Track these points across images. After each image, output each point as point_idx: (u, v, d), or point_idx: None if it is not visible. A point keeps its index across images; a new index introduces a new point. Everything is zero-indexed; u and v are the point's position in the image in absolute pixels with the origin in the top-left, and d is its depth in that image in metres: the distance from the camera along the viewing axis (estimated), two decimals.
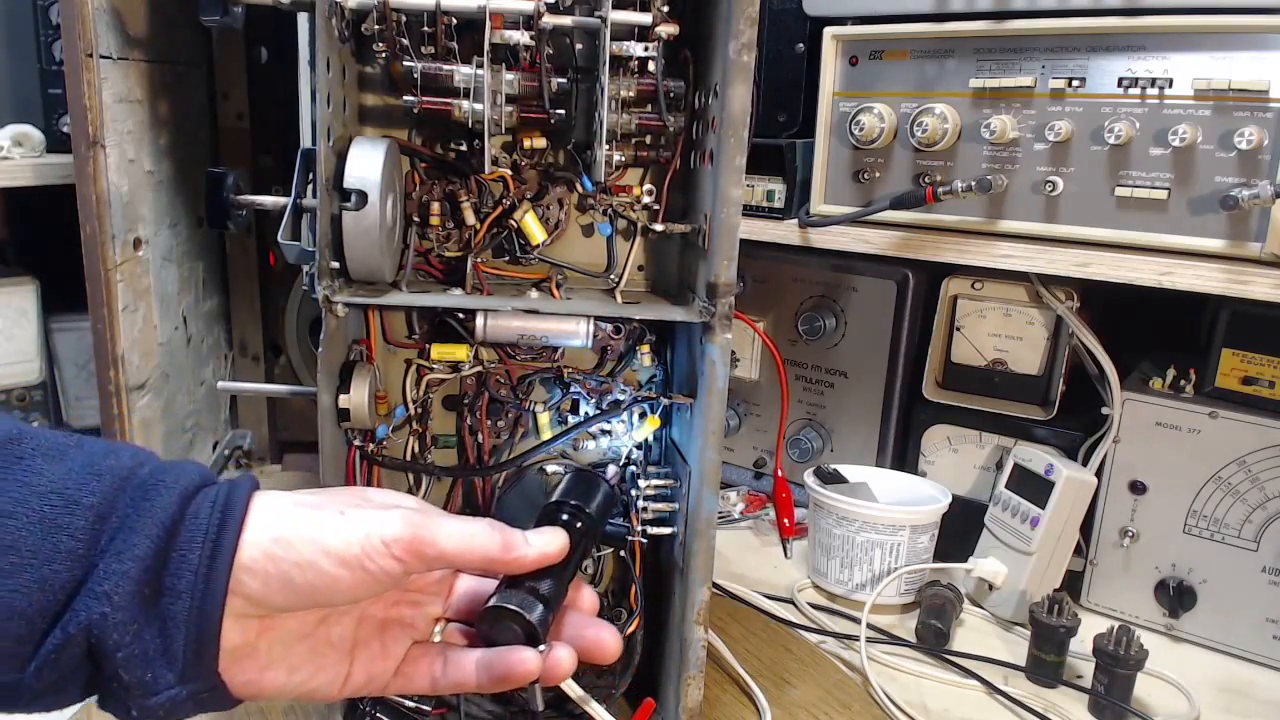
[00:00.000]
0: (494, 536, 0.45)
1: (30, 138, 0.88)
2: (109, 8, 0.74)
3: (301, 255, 0.57)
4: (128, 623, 0.37)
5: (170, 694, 0.38)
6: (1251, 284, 0.69)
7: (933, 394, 0.97)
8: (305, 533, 0.41)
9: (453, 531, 0.43)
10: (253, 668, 0.41)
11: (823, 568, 0.93)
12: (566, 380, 0.70)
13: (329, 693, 0.45)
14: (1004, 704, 0.76)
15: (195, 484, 0.41)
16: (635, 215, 0.67)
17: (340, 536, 0.41)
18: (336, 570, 0.41)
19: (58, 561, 0.36)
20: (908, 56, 0.82)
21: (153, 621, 0.38)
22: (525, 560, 0.46)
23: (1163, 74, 0.71)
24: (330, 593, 0.41)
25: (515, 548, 0.46)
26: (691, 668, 0.63)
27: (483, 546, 0.44)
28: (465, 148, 0.64)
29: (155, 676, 0.38)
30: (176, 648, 0.38)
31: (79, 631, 0.36)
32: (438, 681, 0.47)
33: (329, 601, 0.42)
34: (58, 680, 0.37)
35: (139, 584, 0.37)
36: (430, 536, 0.42)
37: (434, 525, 0.43)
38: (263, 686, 0.42)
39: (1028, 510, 0.87)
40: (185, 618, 0.38)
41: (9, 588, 0.35)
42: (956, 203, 0.80)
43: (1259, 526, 0.81)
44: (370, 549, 0.41)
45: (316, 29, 0.54)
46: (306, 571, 0.40)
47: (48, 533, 0.36)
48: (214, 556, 0.39)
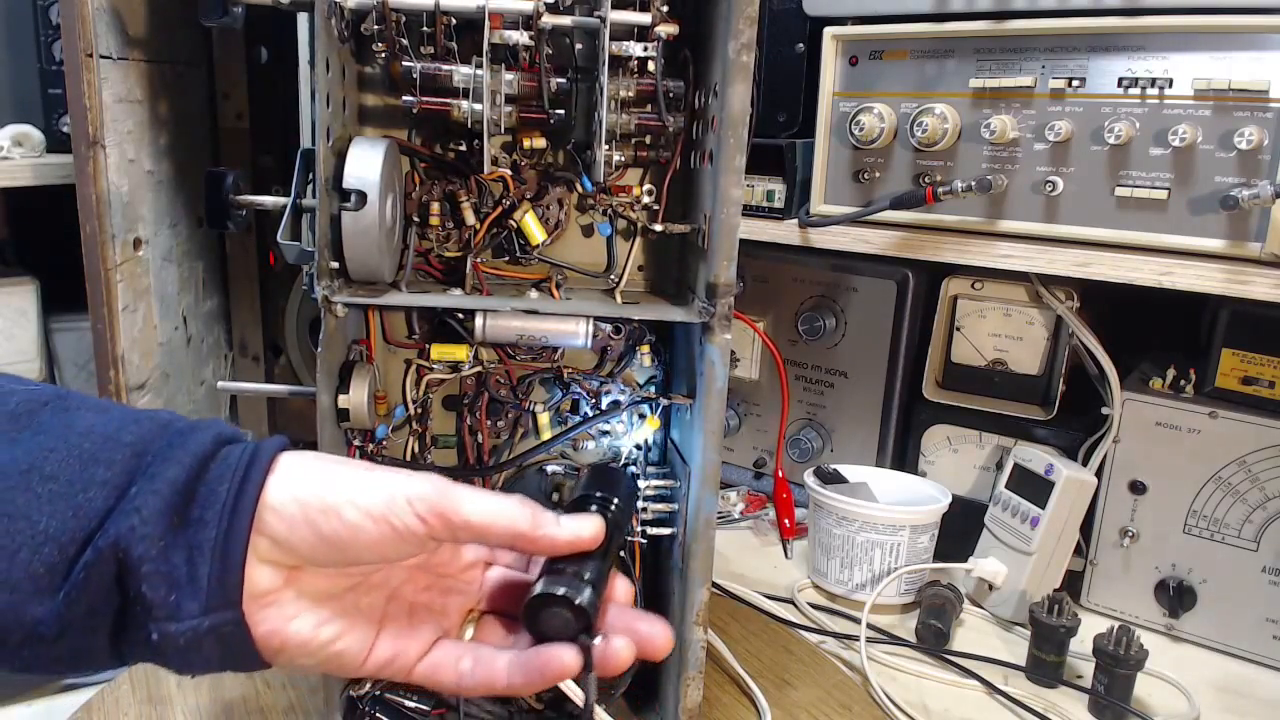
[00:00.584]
0: (524, 511, 0.44)
1: (30, 138, 0.88)
2: (109, 8, 0.74)
3: (301, 255, 0.57)
4: (154, 537, 0.37)
5: (193, 623, 0.38)
6: (1251, 284, 0.69)
7: (933, 394, 0.97)
8: (332, 481, 0.41)
9: (479, 500, 0.43)
10: (278, 616, 0.41)
11: (823, 568, 0.93)
12: (566, 380, 0.70)
13: (353, 660, 0.43)
14: (1004, 704, 0.76)
15: (229, 434, 0.42)
16: (635, 215, 0.67)
17: (366, 488, 0.41)
18: (361, 520, 0.40)
19: (93, 490, 0.37)
20: (908, 56, 0.82)
21: (179, 545, 0.38)
22: (556, 539, 0.44)
23: (1163, 74, 0.71)
24: (354, 545, 0.41)
25: (545, 524, 0.44)
26: (691, 668, 0.63)
27: (510, 519, 0.43)
28: (465, 148, 0.64)
29: (179, 600, 0.38)
30: (201, 577, 0.38)
31: (108, 547, 0.37)
32: (464, 679, 0.45)
33: (353, 556, 0.41)
34: (87, 611, 0.37)
35: (168, 506, 0.38)
36: (456, 501, 0.42)
37: (461, 491, 0.43)
38: (287, 639, 0.41)
39: (1028, 510, 0.87)
40: (211, 547, 0.38)
41: (45, 514, 0.36)
42: (956, 203, 0.80)
43: (1259, 526, 0.81)
44: (395, 504, 0.41)
45: (316, 29, 0.54)
46: (331, 518, 0.40)
47: (85, 465, 0.38)
48: (241, 492, 0.39)
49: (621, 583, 0.49)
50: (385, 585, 0.45)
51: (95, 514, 0.37)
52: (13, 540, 0.36)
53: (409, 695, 0.67)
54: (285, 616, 0.41)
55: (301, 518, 0.40)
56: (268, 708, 0.70)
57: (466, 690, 0.45)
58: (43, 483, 0.37)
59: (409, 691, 0.67)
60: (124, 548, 0.37)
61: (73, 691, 0.73)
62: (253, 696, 0.72)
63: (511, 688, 0.44)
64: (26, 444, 0.38)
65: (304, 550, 0.40)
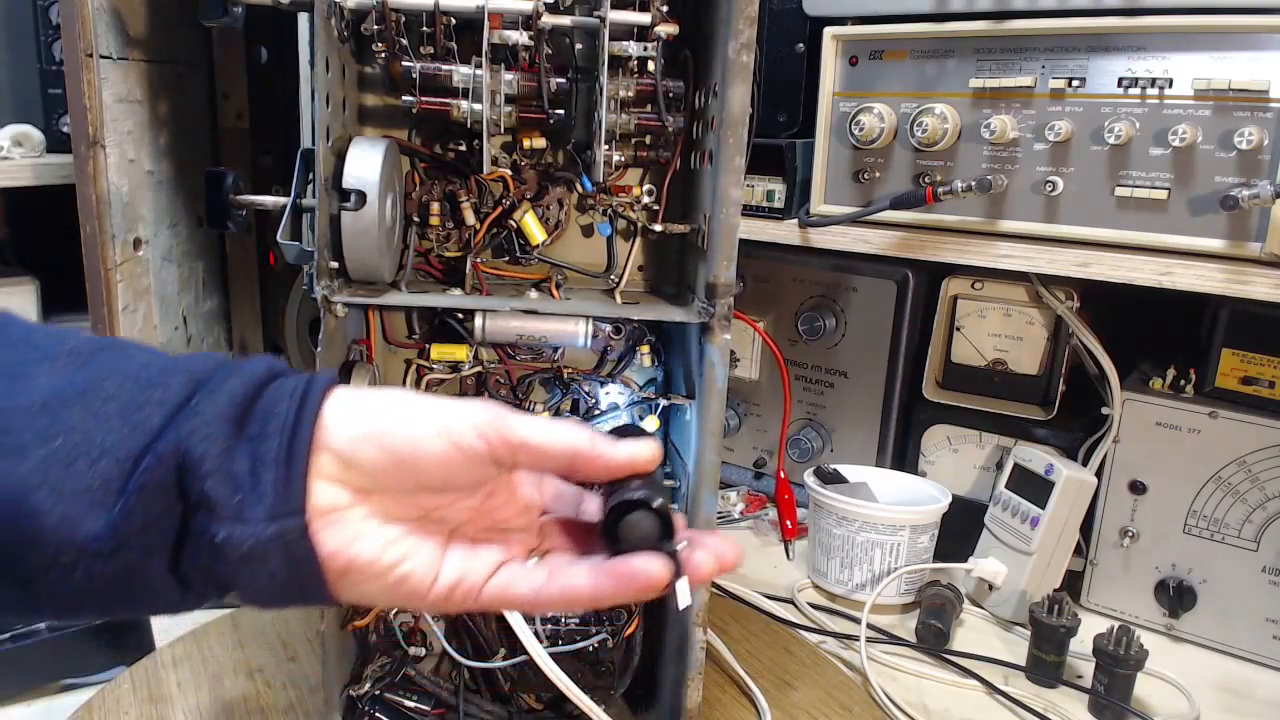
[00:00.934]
0: (582, 431, 0.43)
1: (30, 138, 0.88)
2: (109, 8, 0.74)
3: (301, 255, 0.57)
4: (217, 438, 0.37)
5: (258, 528, 0.37)
6: (1251, 284, 0.69)
7: (933, 394, 0.97)
8: (393, 399, 0.41)
9: (537, 422, 0.43)
10: (344, 534, 0.40)
11: (823, 568, 0.93)
12: (566, 380, 0.70)
13: (420, 584, 0.41)
14: (1004, 704, 0.76)
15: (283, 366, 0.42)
16: (635, 215, 0.67)
17: (427, 406, 0.41)
18: (423, 434, 0.40)
19: (150, 408, 0.37)
20: (908, 56, 0.82)
21: (242, 454, 0.38)
22: (614, 459, 0.43)
23: (1163, 74, 0.71)
24: (416, 460, 0.40)
25: (602, 443, 0.43)
26: (691, 669, 0.63)
27: (568, 438, 0.42)
28: (465, 148, 0.64)
29: (243, 505, 0.37)
30: (265, 484, 0.38)
31: (169, 451, 0.36)
32: (540, 592, 0.43)
33: (415, 473, 0.41)
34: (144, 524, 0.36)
35: (229, 415, 0.38)
36: (514, 422, 0.42)
37: (518, 415, 0.43)
38: (353, 558, 0.40)
39: (1028, 510, 0.87)
40: (274, 457, 0.38)
41: (102, 430, 0.36)
42: (956, 203, 0.80)
43: (1259, 526, 0.81)
44: (454, 423, 0.41)
45: (316, 29, 0.54)
46: (394, 432, 0.40)
47: (143, 388, 0.37)
48: (302, 408, 0.39)
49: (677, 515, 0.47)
50: (447, 523, 0.44)
51: (153, 429, 0.37)
52: (69, 454, 0.35)
53: (408, 695, 0.67)
54: (351, 535, 0.40)
55: (364, 432, 0.40)
56: (268, 707, 0.70)
57: (544, 603, 0.43)
58: (102, 402, 0.37)
59: (408, 691, 0.67)
60: (185, 449, 0.36)
61: (73, 691, 0.73)
62: (253, 696, 0.72)
63: (598, 595, 0.42)
64: (85, 373, 0.38)
65: (367, 465, 0.40)
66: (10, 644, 0.70)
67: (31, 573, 0.35)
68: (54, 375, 0.38)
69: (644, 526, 0.42)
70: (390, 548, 0.41)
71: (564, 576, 0.42)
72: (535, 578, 0.43)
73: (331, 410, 0.40)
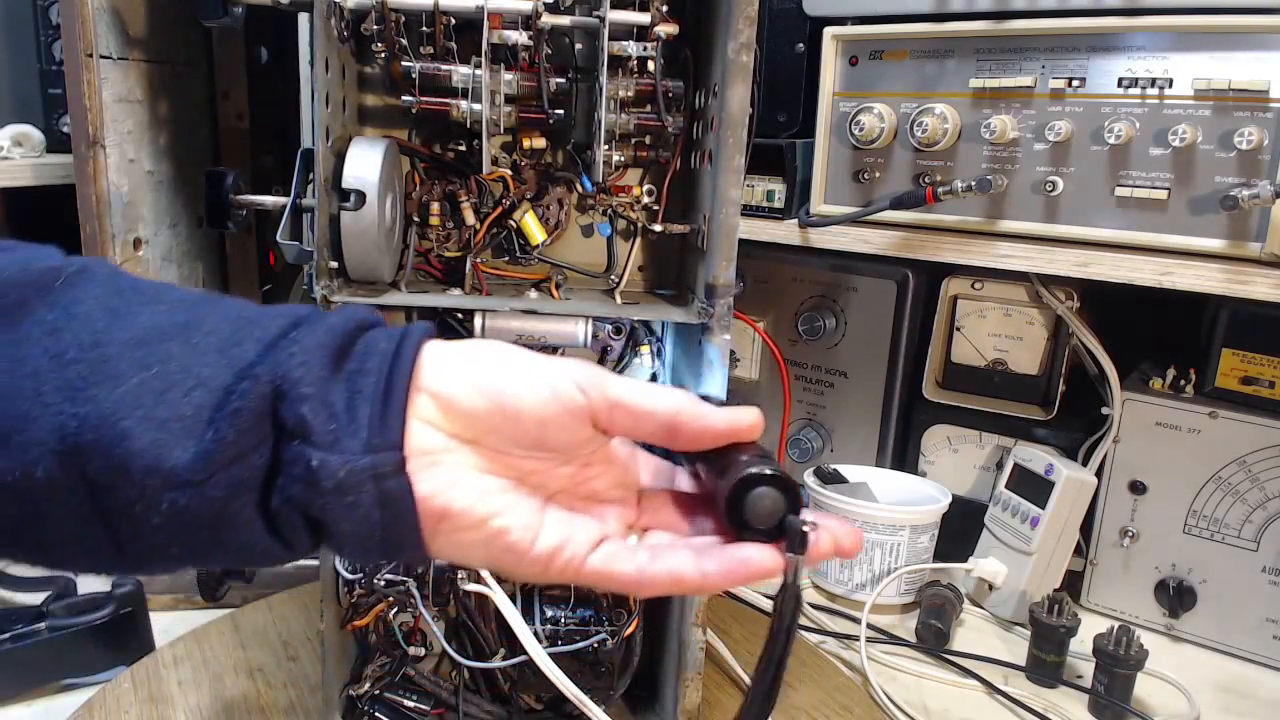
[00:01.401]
0: (679, 393, 0.41)
1: (30, 138, 0.88)
2: (109, 8, 0.74)
3: (301, 255, 0.57)
4: (314, 365, 0.36)
5: (353, 458, 0.36)
6: (1251, 284, 0.69)
7: (933, 394, 0.97)
8: (492, 347, 0.41)
9: (634, 383, 0.41)
10: (440, 478, 0.38)
11: (823, 568, 0.93)
12: None
13: (521, 540, 0.39)
14: (1004, 704, 0.76)
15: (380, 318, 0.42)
16: (635, 215, 0.67)
17: (525, 357, 0.41)
18: (520, 379, 0.39)
19: (248, 344, 0.37)
20: (908, 56, 0.82)
21: (338, 386, 0.37)
22: (716, 423, 0.41)
23: (1163, 74, 0.71)
24: (516, 405, 0.39)
25: (704, 406, 0.41)
26: (690, 669, 0.63)
27: (669, 399, 0.41)
28: (465, 148, 0.64)
29: (339, 432, 0.36)
30: (361, 417, 0.36)
31: (265, 375, 0.36)
32: (645, 572, 0.40)
33: (514, 419, 0.39)
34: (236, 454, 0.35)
35: (329, 346, 0.37)
36: (613, 380, 0.41)
37: (613, 375, 0.42)
38: (450, 504, 0.38)
39: (1028, 510, 0.87)
40: (371, 391, 0.37)
41: (198, 361, 0.36)
42: (956, 203, 0.80)
43: (1259, 526, 0.81)
44: (555, 373, 0.40)
45: (316, 29, 0.54)
46: (493, 374, 0.39)
47: (241, 326, 0.37)
48: (400, 348, 0.38)
49: None
50: (543, 489, 0.42)
51: (249, 360, 0.36)
52: (164, 382, 0.35)
53: (408, 695, 0.67)
54: (448, 479, 0.38)
55: (465, 375, 0.39)
56: (268, 707, 0.71)
57: (649, 583, 0.40)
58: (201, 337, 0.36)
59: (408, 691, 0.67)
60: (282, 374, 0.36)
61: (73, 691, 0.73)
62: (253, 696, 0.72)
63: (705, 580, 0.40)
64: (187, 313, 0.38)
65: (465, 408, 0.39)
66: (10, 644, 0.70)
67: (119, 506, 0.35)
68: (156, 315, 0.38)
69: (769, 502, 0.39)
70: (488, 498, 0.39)
71: (669, 559, 0.40)
72: (639, 557, 0.41)
73: (430, 353, 0.39)
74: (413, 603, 0.62)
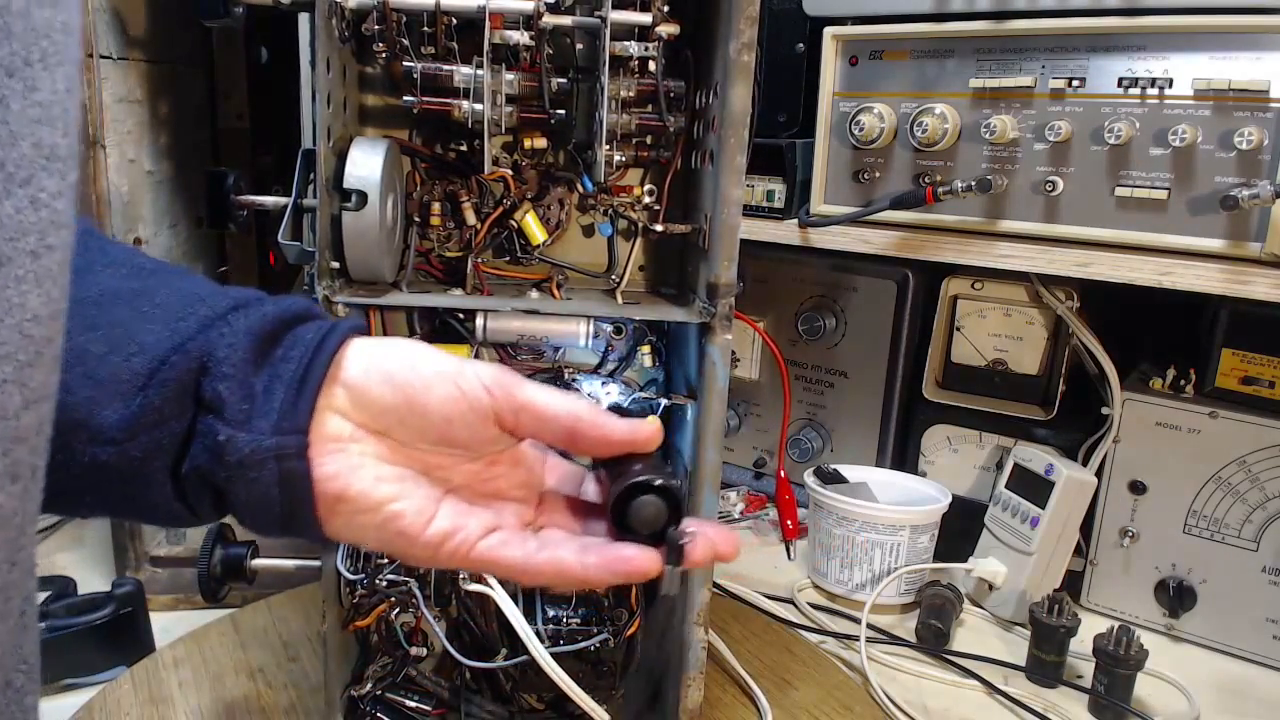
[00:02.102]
0: (582, 401, 0.45)
1: None
2: (109, 8, 0.74)
3: (302, 255, 0.57)
4: (240, 347, 0.39)
5: (259, 437, 0.39)
6: (1251, 284, 0.69)
7: (933, 394, 0.97)
8: (410, 345, 0.44)
9: (540, 387, 0.44)
10: (343, 462, 0.41)
11: (823, 568, 0.93)
12: (567, 380, 0.70)
13: (412, 525, 0.42)
14: (1004, 704, 0.76)
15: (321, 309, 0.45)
16: (636, 215, 0.67)
17: (440, 354, 0.44)
18: (433, 377, 0.42)
19: (191, 319, 0.39)
20: (908, 56, 0.82)
21: (262, 370, 0.40)
22: (615, 433, 0.43)
23: (1163, 74, 0.71)
24: (426, 399, 0.42)
25: (603, 415, 0.44)
26: (691, 669, 0.63)
27: (570, 406, 0.43)
28: (466, 148, 0.64)
29: (251, 412, 0.39)
30: (275, 400, 0.40)
31: (195, 350, 0.38)
32: (531, 557, 0.42)
33: (423, 413, 0.42)
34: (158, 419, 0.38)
35: (260, 332, 0.40)
36: (519, 384, 0.43)
37: (523, 379, 0.44)
38: (347, 486, 0.41)
39: (1028, 510, 0.87)
40: (289, 379, 0.40)
41: (143, 330, 0.38)
42: (956, 203, 0.80)
43: (1259, 526, 0.81)
44: (465, 373, 0.43)
45: (317, 29, 0.54)
46: (406, 370, 0.42)
47: (190, 302, 0.40)
48: (324, 340, 0.42)
49: None
50: (446, 482, 0.45)
51: (188, 333, 0.39)
52: (107, 345, 0.38)
53: (410, 695, 0.67)
54: (350, 465, 0.41)
55: (379, 369, 0.42)
56: (269, 708, 0.70)
57: (533, 571, 0.43)
58: (151, 307, 0.39)
59: (410, 691, 0.67)
60: (209, 350, 0.39)
61: (73, 691, 0.72)
62: (254, 696, 0.72)
63: (585, 574, 0.42)
64: (144, 281, 0.41)
65: (375, 400, 0.42)
66: None
67: None
68: (115, 278, 0.40)
69: (651, 511, 0.42)
70: (385, 484, 0.42)
71: (555, 549, 0.43)
72: (528, 545, 0.43)
73: (353, 348, 0.42)
74: (414, 603, 0.62)
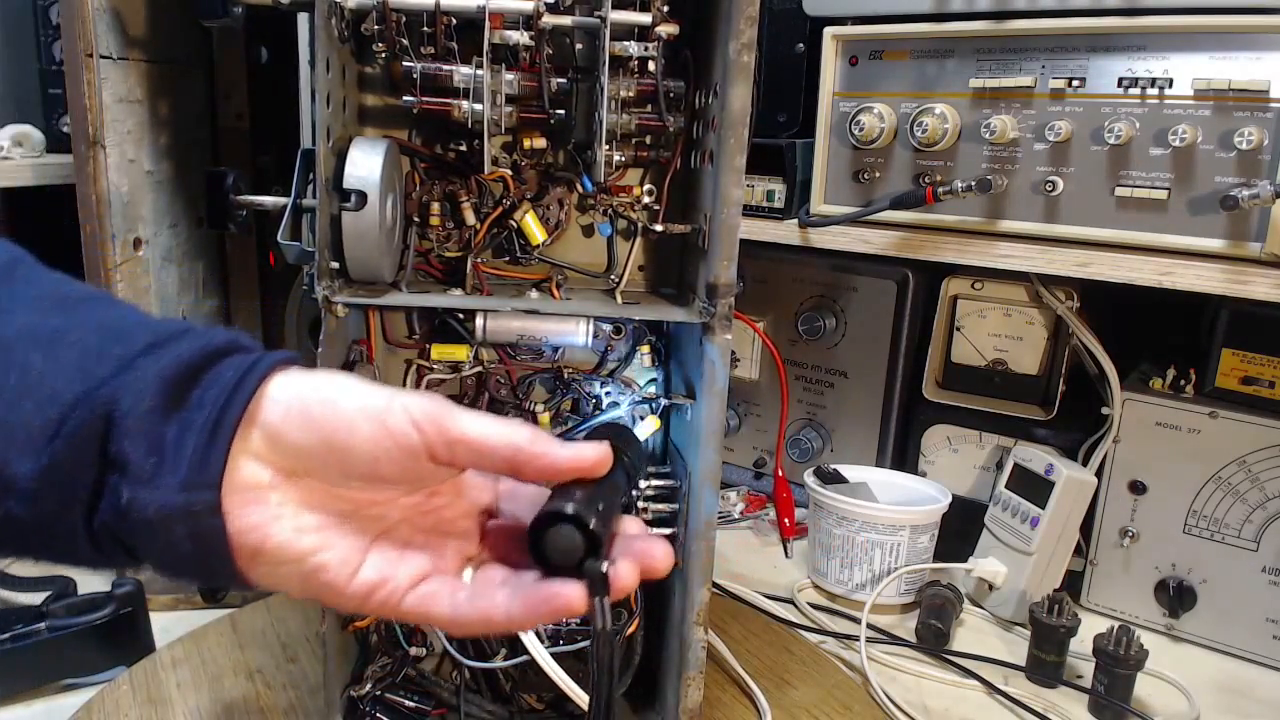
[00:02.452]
0: (524, 429, 0.41)
1: (30, 138, 0.88)
2: (109, 8, 0.74)
3: (301, 255, 0.57)
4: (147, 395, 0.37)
5: (167, 495, 0.37)
6: (1251, 284, 0.69)
7: (933, 394, 0.97)
8: (334, 380, 0.41)
9: (478, 417, 0.41)
10: (260, 514, 0.39)
11: (823, 568, 0.93)
12: (567, 380, 0.70)
13: (337, 578, 0.40)
14: (1004, 704, 0.76)
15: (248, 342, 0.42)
16: (635, 215, 0.67)
17: (366, 389, 0.41)
18: (356, 416, 0.39)
19: (107, 362, 0.38)
20: (908, 56, 0.82)
21: (172, 419, 0.38)
22: (558, 458, 0.41)
23: (1163, 74, 0.71)
24: (348, 443, 0.39)
25: (546, 441, 0.41)
26: (691, 668, 0.63)
27: (508, 436, 0.41)
28: (465, 148, 0.64)
29: (159, 467, 0.37)
30: (186, 451, 0.37)
31: (101, 403, 0.37)
32: (459, 610, 0.41)
33: (345, 456, 0.40)
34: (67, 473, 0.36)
35: (169, 378, 0.38)
36: (454, 415, 0.41)
37: (460, 409, 0.41)
38: (267, 538, 0.39)
39: (1028, 510, 0.87)
40: (200, 425, 0.38)
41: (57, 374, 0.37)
42: (956, 203, 0.80)
43: (1259, 526, 0.81)
44: (392, 409, 0.40)
45: (316, 29, 0.54)
46: (327, 409, 0.39)
47: (106, 340, 0.38)
48: (242, 381, 0.39)
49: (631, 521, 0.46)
50: (380, 520, 0.43)
51: (99, 379, 0.37)
52: (20, 391, 0.36)
53: (409, 695, 0.67)
54: (268, 516, 0.39)
55: (298, 409, 0.39)
56: (268, 708, 0.70)
57: (461, 623, 0.41)
58: (66, 348, 0.37)
59: (409, 691, 0.67)
60: (114, 402, 0.37)
61: (73, 692, 0.72)
62: (253, 697, 0.72)
63: (510, 620, 0.40)
64: (63, 318, 0.39)
65: (297, 444, 0.39)
66: (10, 644, 0.70)
67: None
68: (34, 314, 0.39)
69: (567, 543, 0.40)
70: (306, 534, 0.40)
71: (484, 598, 0.41)
72: (457, 596, 0.42)
73: (274, 386, 0.39)
74: None
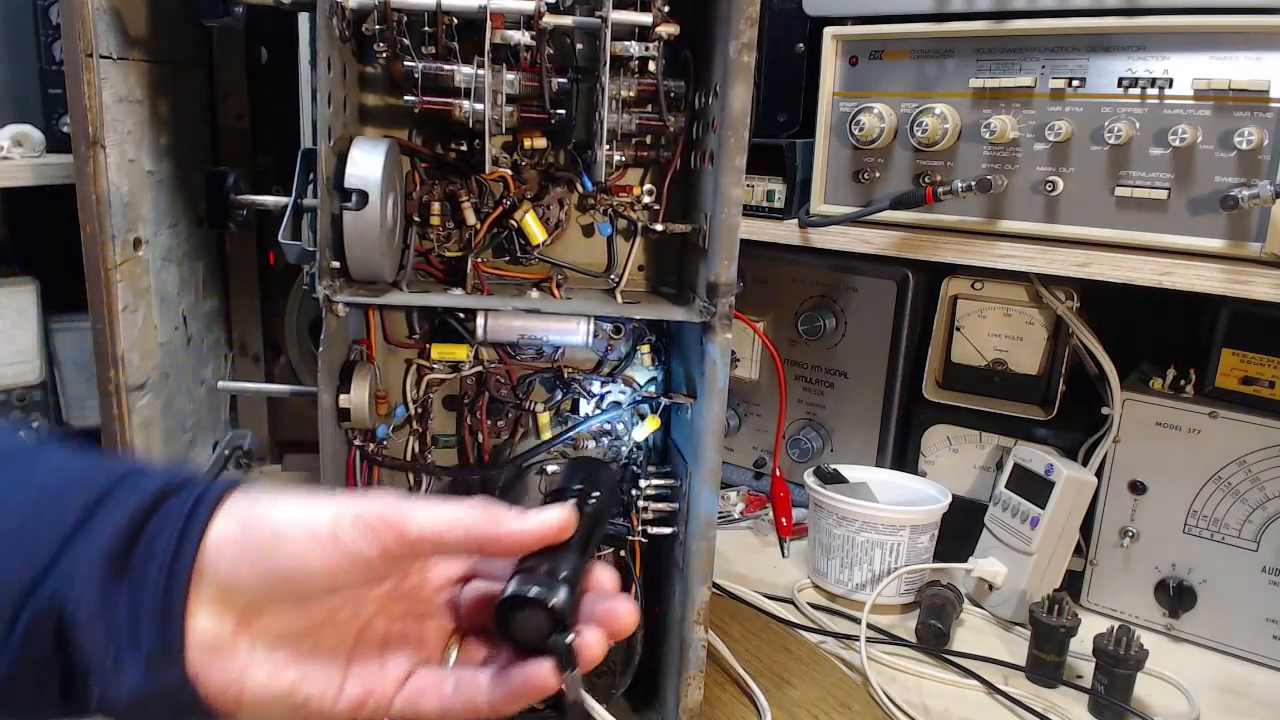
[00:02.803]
0: (478, 511, 0.41)
1: (30, 138, 0.88)
2: (109, 8, 0.73)
3: (302, 255, 0.58)
4: (92, 581, 0.36)
5: (135, 685, 0.36)
6: (1251, 284, 0.69)
7: (933, 394, 0.97)
8: (279, 508, 0.40)
9: (430, 509, 0.41)
10: (232, 667, 0.38)
11: (823, 568, 0.93)
12: (566, 380, 0.70)
13: (323, 703, 0.41)
14: (1004, 704, 0.76)
15: (185, 477, 0.40)
16: (636, 215, 0.67)
17: (310, 509, 0.40)
18: (306, 542, 0.38)
19: (43, 542, 0.36)
20: (908, 56, 0.82)
21: (121, 600, 0.37)
22: (519, 534, 0.42)
23: (1163, 74, 0.71)
24: (302, 572, 0.38)
25: (504, 521, 0.41)
26: (691, 668, 0.63)
27: (465, 521, 0.41)
28: (466, 148, 0.64)
29: (120, 659, 0.36)
30: (143, 632, 0.36)
31: (46, 599, 0.36)
32: (448, 703, 0.42)
33: (303, 586, 0.39)
34: (34, 666, 0.36)
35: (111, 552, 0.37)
36: (406, 513, 0.40)
37: (411, 505, 0.41)
38: (244, 688, 0.38)
39: (1028, 510, 0.87)
40: (150, 602, 0.37)
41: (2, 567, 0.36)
42: (956, 203, 0.80)
43: (1259, 526, 0.81)
44: (341, 521, 0.39)
45: (317, 29, 0.54)
46: (276, 543, 0.38)
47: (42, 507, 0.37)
48: (181, 542, 0.38)
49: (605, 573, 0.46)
50: (354, 620, 0.43)
51: (42, 565, 0.36)
52: None
53: None
54: (239, 667, 0.38)
55: (247, 550, 0.38)
56: None
57: (451, 715, 0.42)
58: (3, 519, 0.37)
59: None
60: (61, 599, 0.36)
61: None
62: None
63: (494, 708, 0.41)
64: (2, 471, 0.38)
65: (251, 588, 0.38)
66: None
67: None
68: None
69: (532, 623, 0.41)
70: (281, 674, 0.40)
71: (469, 686, 0.42)
72: (444, 689, 0.42)
73: (215, 534, 0.38)
74: None
